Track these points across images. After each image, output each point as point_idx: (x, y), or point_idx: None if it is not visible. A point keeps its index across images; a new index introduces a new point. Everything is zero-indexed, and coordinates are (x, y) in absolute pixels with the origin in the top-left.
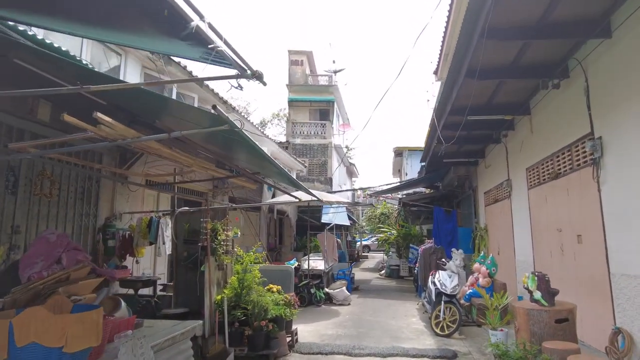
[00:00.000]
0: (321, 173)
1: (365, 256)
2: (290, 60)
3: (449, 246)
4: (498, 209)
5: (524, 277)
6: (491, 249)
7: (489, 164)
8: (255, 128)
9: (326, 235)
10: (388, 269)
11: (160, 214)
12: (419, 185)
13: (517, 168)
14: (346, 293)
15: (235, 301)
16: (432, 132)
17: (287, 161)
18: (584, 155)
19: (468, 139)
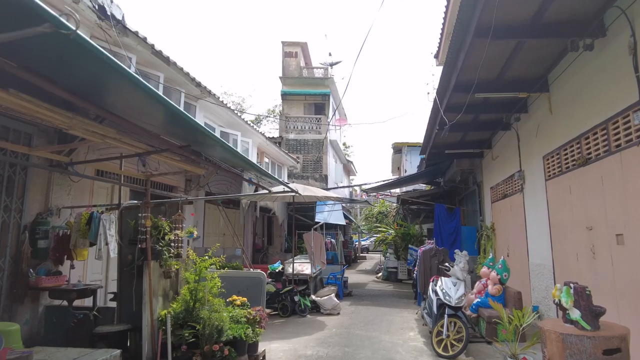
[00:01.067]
0: (316, 170)
1: (364, 257)
2: (284, 52)
3: (451, 247)
4: (507, 205)
5: (554, 290)
6: (499, 250)
7: (497, 154)
8: (236, 115)
9: (313, 235)
10: (385, 271)
11: (102, 208)
12: (418, 181)
13: (531, 157)
14: (335, 301)
15: (185, 318)
16: (433, 117)
17: (277, 156)
18: (627, 133)
19: (474, 125)
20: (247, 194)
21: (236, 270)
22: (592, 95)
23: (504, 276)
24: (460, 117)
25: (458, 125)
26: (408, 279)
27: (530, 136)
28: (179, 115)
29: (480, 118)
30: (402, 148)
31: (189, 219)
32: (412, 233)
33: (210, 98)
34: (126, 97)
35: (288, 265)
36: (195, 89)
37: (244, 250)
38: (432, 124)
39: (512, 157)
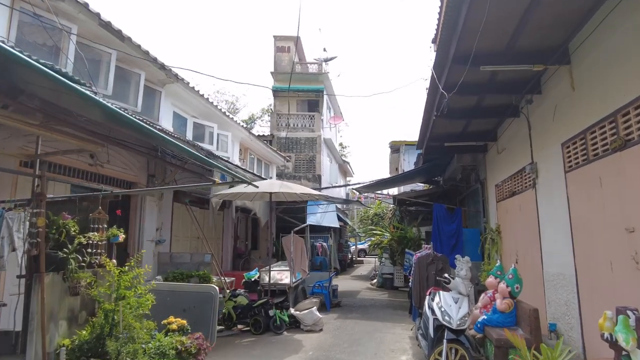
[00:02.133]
0: (309, 169)
1: (361, 261)
2: (276, 47)
3: (451, 252)
4: (515, 204)
5: (601, 320)
6: (506, 255)
7: (503, 147)
8: (211, 105)
9: (293, 238)
10: (380, 277)
11: (10, 204)
12: (415, 179)
13: (546, 146)
14: (316, 316)
15: (93, 349)
16: (430, 100)
17: (264, 153)
18: None
19: (477, 111)
20: (183, 186)
21: (181, 284)
22: (632, 60)
23: (515, 288)
24: (463, 101)
25: (460, 112)
26: (404, 286)
27: (545, 121)
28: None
29: (485, 102)
30: (400, 147)
31: (149, 220)
32: (409, 236)
33: (179, 84)
34: None
35: (272, 272)
36: (159, 72)
37: (215, 255)
38: (430, 109)
39: (522, 148)
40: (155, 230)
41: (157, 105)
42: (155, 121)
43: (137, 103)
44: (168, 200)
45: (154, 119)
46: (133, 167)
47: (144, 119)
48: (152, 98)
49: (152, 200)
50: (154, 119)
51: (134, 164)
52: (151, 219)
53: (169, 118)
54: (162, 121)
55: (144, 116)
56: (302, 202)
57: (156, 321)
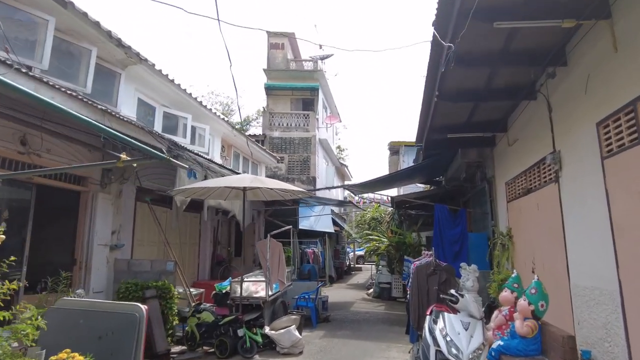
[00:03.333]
0: (303, 171)
1: (359, 268)
2: (270, 44)
3: (455, 259)
4: (531, 203)
5: None
6: (518, 263)
7: (515, 138)
8: (184, 93)
9: (270, 243)
10: (377, 287)
11: None
12: (414, 178)
13: (574, 128)
14: (295, 336)
15: None
16: (431, 75)
17: (252, 151)
18: None
19: (487, 92)
20: (57, 169)
21: (99, 302)
22: None
23: (539, 307)
24: (471, 78)
25: (466, 93)
26: (403, 296)
27: (573, 98)
28: None
29: (497, 81)
30: (400, 148)
31: (102, 221)
32: (408, 242)
33: (143, 66)
34: None
35: (245, 283)
36: (117, 51)
37: (190, 262)
38: (430, 90)
39: (540, 136)
40: (111, 234)
41: (116, 88)
42: (113, 106)
43: (86, 83)
44: (129, 199)
45: (111, 104)
46: (84, 159)
47: (93, 101)
48: (109, 80)
49: (107, 199)
50: (111, 104)
51: (85, 155)
52: (105, 220)
53: (131, 105)
54: (122, 107)
55: (97, 100)
56: (293, 204)
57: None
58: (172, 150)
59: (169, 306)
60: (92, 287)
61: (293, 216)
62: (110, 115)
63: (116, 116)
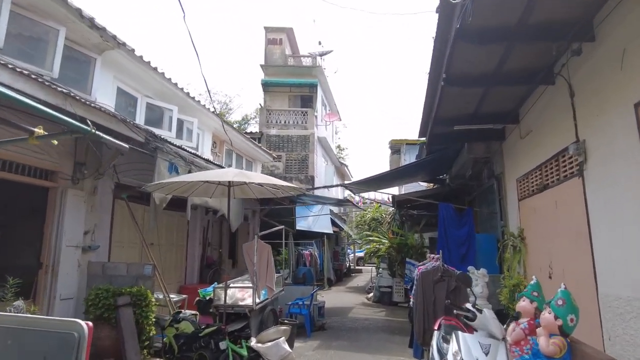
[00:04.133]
0: (301, 170)
1: (359, 270)
2: (267, 39)
3: (462, 262)
4: (548, 201)
5: None
6: (532, 267)
7: (528, 129)
8: (169, 83)
9: (257, 244)
10: (377, 291)
11: None
12: (417, 176)
13: (604, 112)
14: (283, 349)
15: None
16: (437, 57)
17: (246, 149)
18: None
19: (499, 76)
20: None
21: (26, 317)
22: None
23: (569, 321)
24: (482, 58)
25: (476, 77)
26: (405, 301)
27: (602, 79)
28: None
29: (511, 63)
30: (401, 147)
31: (72, 220)
32: (411, 243)
33: (121, 51)
34: None
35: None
36: (91, 33)
37: (176, 265)
38: (436, 73)
39: (559, 125)
40: (84, 234)
41: (90, 75)
42: (86, 94)
43: (52, 67)
44: (106, 196)
45: (85, 92)
46: (52, 151)
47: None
48: (82, 66)
49: (78, 195)
50: (85, 92)
51: (53, 147)
52: (76, 218)
53: (109, 93)
54: (98, 95)
55: (66, 85)
56: (290, 203)
57: None
58: (151, 142)
59: (144, 315)
60: (59, 294)
61: (290, 216)
62: (73, 99)
63: (81, 101)
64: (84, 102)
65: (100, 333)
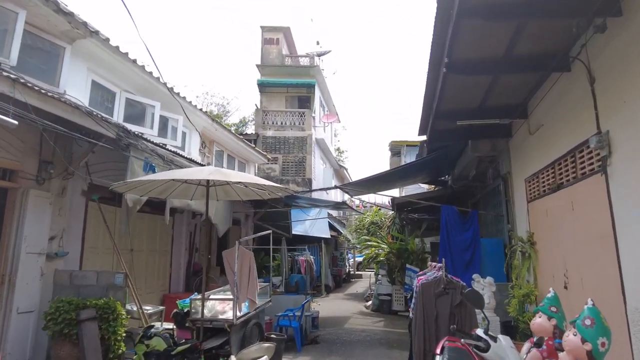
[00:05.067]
0: (298, 172)
1: (359, 276)
2: (264, 39)
3: (466, 270)
4: (562, 202)
5: None
6: (544, 276)
7: (538, 124)
8: (151, 77)
9: (238, 251)
10: (376, 299)
11: None
12: (417, 177)
13: (632, 99)
14: None
15: None
16: (438, 39)
17: (238, 149)
18: None
19: (508, 63)
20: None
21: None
22: None
23: (599, 346)
24: (489, 42)
25: (482, 63)
26: (405, 310)
27: (630, 60)
28: None
29: (521, 46)
30: (401, 148)
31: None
32: (411, 248)
33: (95, 40)
34: None
35: (210, 301)
36: (58, 19)
37: (161, 273)
38: (438, 55)
39: (576, 116)
40: (49, 240)
41: (59, 65)
42: (54, 87)
43: (9, 54)
44: (78, 198)
45: (52, 84)
46: (12, 147)
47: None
48: (50, 55)
49: (43, 197)
50: (52, 84)
51: (13, 142)
52: (40, 222)
53: (82, 87)
54: (69, 88)
55: (30, 76)
56: (285, 206)
57: None
58: (123, 139)
59: (112, 329)
60: (16, 307)
61: (285, 220)
62: (24, 86)
63: (34, 88)
64: (37, 91)
65: (60, 351)
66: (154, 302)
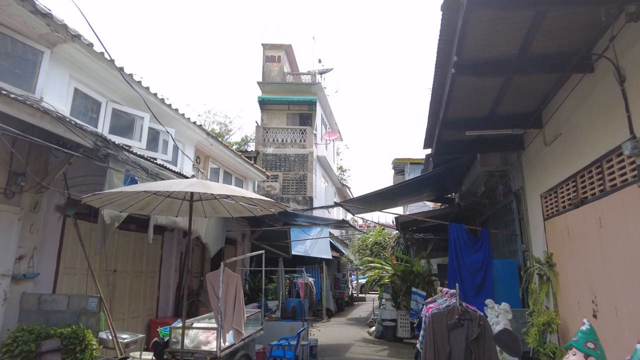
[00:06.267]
0: (299, 190)
1: (362, 298)
2: (265, 57)
3: (477, 294)
4: (587, 218)
5: None
6: (567, 301)
7: (556, 133)
8: (140, 87)
9: (223, 274)
10: (379, 325)
11: None
12: (422, 194)
13: None
14: None
15: None
16: (447, 34)
17: (235, 165)
18: None
19: (523, 62)
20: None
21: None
22: None
23: None
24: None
25: (494, 62)
26: (411, 337)
27: None
28: None
29: (538, 42)
30: (405, 166)
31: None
32: (417, 271)
33: (77, 46)
34: None
35: (192, 330)
36: (36, 21)
37: (148, 296)
38: (446, 53)
39: (603, 121)
40: (17, 259)
41: (36, 71)
42: (29, 92)
43: None
44: (53, 213)
45: (28, 90)
46: None
47: None
48: (26, 60)
49: (10, 212)
50: (28, 90)
51: None
52: (5, 240)
53: (63, 95)
54: (48, 95)
55: (2, 81)
56: (284, 225)
57: None
58: (101, 148)
59: None
60: None
61: (284, 240)
62: None
63: None
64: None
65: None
66: (138, 328)
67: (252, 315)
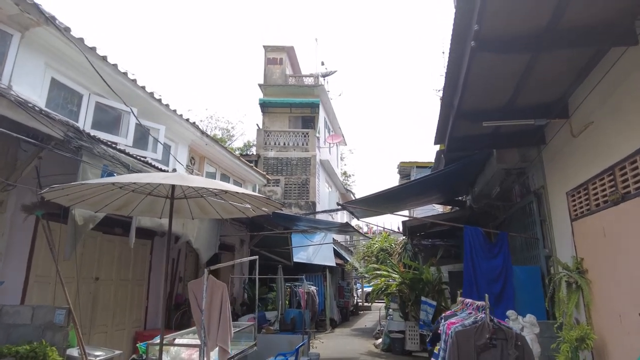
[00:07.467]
0: (301, 195)
1: (368, 307)
2: (267, 59)
3: (497, 304)
4: (627, 218)
5: None
6: (602, 313)
7: (586, 122)
8: (126, 79)
9: (207, 282)
10: (386, 337)
11: None
12: (431, 196)
13: None
14: None
15: None
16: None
17: (233, 167)
18: None
19: (553, 35)
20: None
21: None
22: None
23: None
24: None
25: (520, 38)
26: (420, 350)
27: None
28: None
29: (573, 11)
30: (411, 170)
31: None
32: (426, 278)
33: (52, 30)
34: None
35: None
36: (3, 1)
37: (135, 305)
38: (464, 30)
39: None
40: None
41: (4, 57)
42: None
43: None
44: (21, 215)
45: None
46: None
47: None
48: None
49: None
50: None
51: None
52: None
53: (37, 84)
54: (18, 83)
55: None
56: (285, 230)
57: None
58: (72, 140)
59: None
60: None
61: (286, 246)
62: None
63: None
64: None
65: None
66: (123, 341)
67: (246, 328)
